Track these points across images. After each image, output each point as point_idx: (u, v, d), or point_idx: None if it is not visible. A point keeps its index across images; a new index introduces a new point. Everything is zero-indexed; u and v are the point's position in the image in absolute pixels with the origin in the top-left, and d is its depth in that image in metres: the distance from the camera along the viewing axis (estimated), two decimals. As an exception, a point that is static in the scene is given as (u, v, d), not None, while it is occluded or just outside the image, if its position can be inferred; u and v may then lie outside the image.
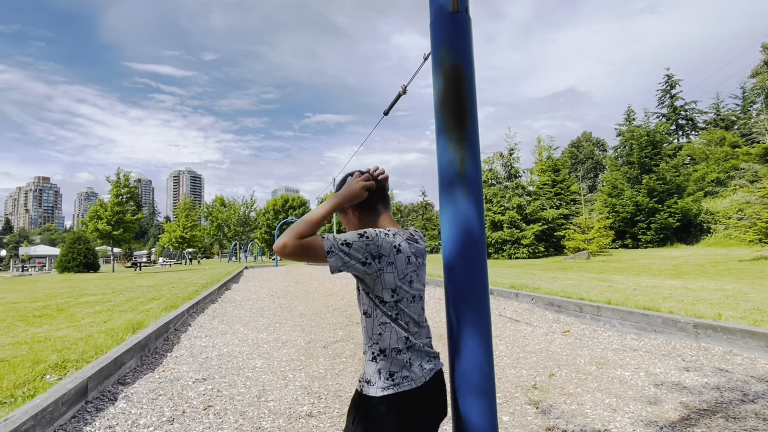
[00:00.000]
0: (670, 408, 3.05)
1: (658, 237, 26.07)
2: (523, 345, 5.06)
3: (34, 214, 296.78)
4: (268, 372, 4.30)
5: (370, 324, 1.30)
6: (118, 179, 32.91)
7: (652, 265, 13.35)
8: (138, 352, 4.67)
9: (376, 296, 1.28)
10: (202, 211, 63.78)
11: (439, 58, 1.39)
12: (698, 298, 6.29)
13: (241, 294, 11.92)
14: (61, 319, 6.72)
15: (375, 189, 1.41)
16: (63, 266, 30.16)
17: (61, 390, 3.05)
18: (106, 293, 11.02)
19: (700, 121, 48.76)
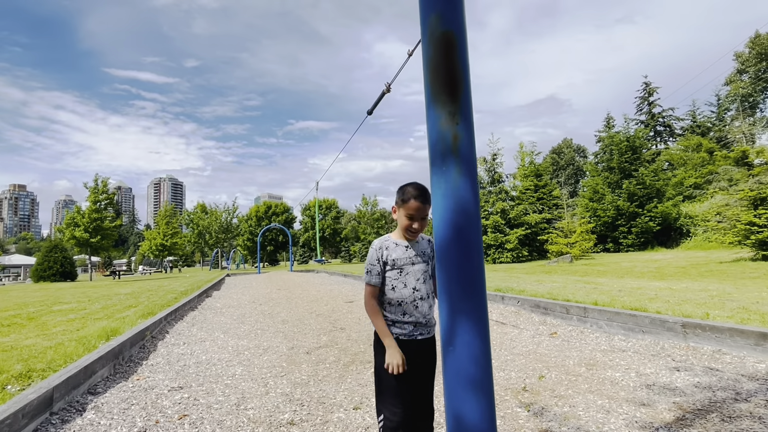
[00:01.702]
0: (664, 408, 2.96)
1: (639, 241, 26.39)
2: (511, 347, 4.96)
3: (9, 222, 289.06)
4: (248, 379, 4.12)
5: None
6: (96, 185, 32.23)
7: (635, 268, 13.45)
8: (111, 360, 4.44)
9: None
10: (183, 218, 62.78)
11: (429, 26, 1.28)
12: (684, 298, 6.28)
13: (222, 301, 11.64)
14: (31, 327, 6.41)
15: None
16: (38, 275, 29.31)
17: (23, 401, 2.83)
18: (82, 301, 10.64)
19: (677, 127, 49.88)
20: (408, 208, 2.04)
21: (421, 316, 2.09)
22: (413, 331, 2.08)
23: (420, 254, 2.14)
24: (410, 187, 2.05)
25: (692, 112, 48.66)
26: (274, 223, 55.68)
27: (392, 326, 2.09)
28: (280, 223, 62.51)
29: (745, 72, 46.00)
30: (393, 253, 2.12)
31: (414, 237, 2.13)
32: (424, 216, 2.06)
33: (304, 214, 67.27)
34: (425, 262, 2.14)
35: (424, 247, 2.18)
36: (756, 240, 13.40)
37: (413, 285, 2.10)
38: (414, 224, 2.05)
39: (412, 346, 2.07)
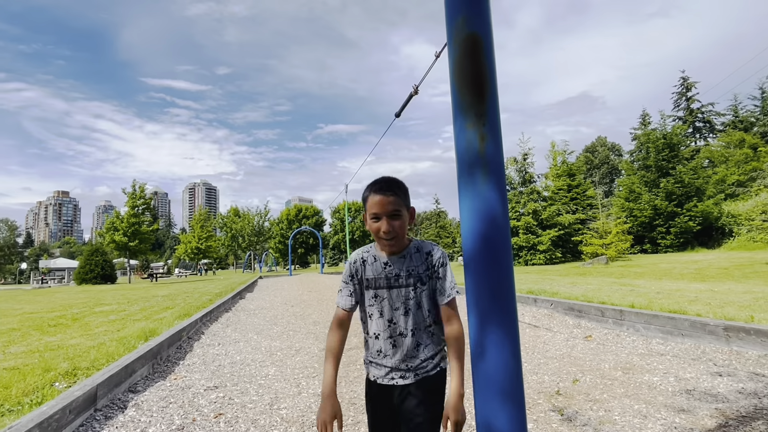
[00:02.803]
0: (705, 414, 2.86)
1: (678, 241, 25.48)
2: (544, 351, 4.88)
3: (54, 227, 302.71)
4: (281, 379, 4.19)
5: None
6: (133, 191, 33.39)
7: (674, 269, 12.99)
8: (150, 359, 4.60)
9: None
10: (217, 222, 64.34)
11: (455, 29, 1.29)
12: (726, 300, 6.04)
13: (255, 303, 11.87)
14: (75, 328, 6.70)
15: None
16: (81, 278, 30.57)
17: (69, 397, 2.97)
18: (122, 303, 11.05)
19: (718, 123, 47.92)
20: (369, 206, 1.56)
21: (400, 360, 1.58)
22: (391, 374, 1.60)
23: (405, 273, 1.58)
24: (370, 183, 1.61)
25: (734, 107, 46.64)
26: (304, 226, 56.37)
27: (370, 366, 1.67)
28: (311, 225, 63.24)
29: (792, 63, 43.75)
30: (368, 271, 1.64)
31: (392, 247, 1.58)
32: (394, 212, 1.53)
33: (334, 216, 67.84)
34: (411, 285, 1.58)
35: (415, 263, 1.59)
36: (805, 239, 12.73)
37: (389, 316, 1.59)
38: (383, 227, 1.52)
39: (395, 392, 1.60)
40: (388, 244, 1.57)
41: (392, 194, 1.53)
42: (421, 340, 1.59)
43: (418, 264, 1.59)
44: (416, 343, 1.58)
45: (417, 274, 1.57)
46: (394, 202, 1.52)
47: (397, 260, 1.60)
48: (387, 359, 1.60)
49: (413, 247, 1.62)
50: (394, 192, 1.54)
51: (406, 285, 1.58)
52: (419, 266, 1.58)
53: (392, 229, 1.53)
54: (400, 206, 1.54)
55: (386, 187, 1.54)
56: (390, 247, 1.58)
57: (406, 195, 1.59)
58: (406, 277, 1.58)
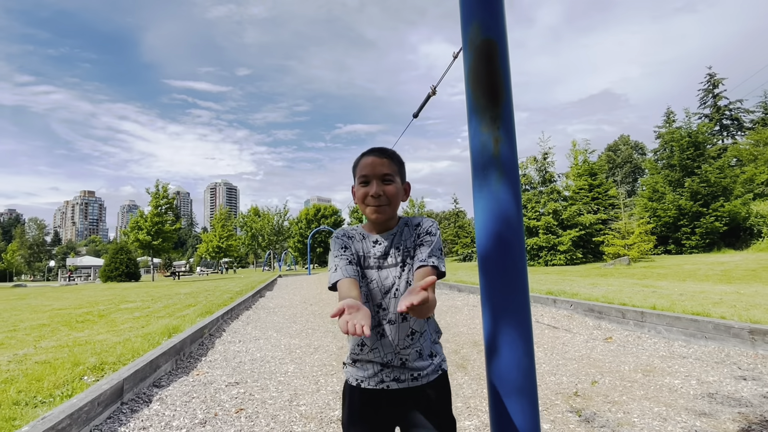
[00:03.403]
0: (727, 419, 2.82)
1: (704, 242, 24.87)
2: (563, 352, 4.85)
3: (80, 226, 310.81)
4: (300, 377, 4.26)
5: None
6: (157, 191, 34.07)
7: (699, 271, 12.70)
8: (173, 355, 4.72)
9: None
10: (237, 221, 65.21)
11: (470, 34, 1.31)
12: (753, 303, 5.90)
13: (274, 301, 12.02)
14: (102, 324, 6.90)
15: None
16: (106, 276, 31.33)
17: (98, 391, 3.08)
18: (145, 300, 11.32)
19: (747, 120, 46.58)
20: (359, 170, 1.40)
21: (391, 352, 1.33)
22: (381, 375, 1.34)
23: (395, 251, 1.38)
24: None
25: (764, 104, 45.27)
26: (323, 226, 56.72)
27: (351, 367, 1.41)
28: (329, 225, 63.61)
29: (825, 58, 42.28)
30: (357, 245, 1.41)
31: (380, 215, 1.36)
32: (386, 175, 1.36)
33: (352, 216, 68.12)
34: (401, 263, 1.37)
35: (405, 237, 1.39)
36: (838, 241, 12.31)
37: (377, 300, 1.36)
38: (371, 189, 1.34)
39: (384, 401, 1.34)
40: (376, 212, 1.35)
41: (386, 157, 1.39)
42: (416, 327, 1.35)
43: (407, 238, 1.39)
44: (409, 330, 1.34)
45: (406, 249, 1.38)
46: (386, 165, 1.37)
47: (388, 237, 1.40)
48: (373, 354, 1.34)
49: (402, 223, 1.43)
50: (388, 156, 1.40)
51: (395, 264, 1.37)
52: (408, 240, 1.39)
53: (382, 194, 1.34)
54: (393, 172, 1.38)
55: (379, 151, 1.40)
56: (377, 216, 1.36)
57: (401, 166, 1.44)
58: (395, 254, 1.38)
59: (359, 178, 1.39)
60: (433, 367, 1.37)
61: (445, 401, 1.38)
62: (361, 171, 1.39)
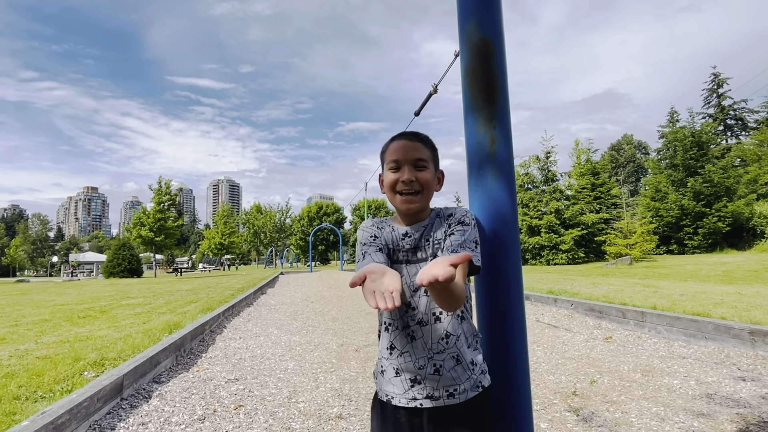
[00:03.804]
0: (725, 419, 2.82)
1: (707, 242, 24.83)
2: (562, 351, 4.85)
3: (83, 222, 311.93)
4: (299, 374, 4.27)
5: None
6: (159, 187, 34.14)
7: (701, 271, 12.68)
8: (173, 352, 4.74)
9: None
10: (240, 218, 65.33)
11: (467, 34, 1.32)
12: (753, 303, 5.89)
13: (275, 298, 12.05)
14: (103, 320, 6.93)
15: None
16: (109, 272, 31.45)
17: (97, 386, 3.10)
18: (147, 296, 11.36)
19: (751, 120, 46.38)
20: (388, 155, 1.27)
21: (424, 356, 1.18)
22: (412, 391, 1.17)
23: (426, 244, 1.23)
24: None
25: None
26: (325, 223, 56.80)
27: (382, 379, 1.25)
28: (331, 223, 63.69)
29: (830, 58, 42.06)
30: (387, 237, 1.28)
31: (412, 205, 1.23)
32: (419, 160, 1.23)
33: (354, 214, 68.17)
34: (432, 255, 1.22)
35: (437, 229, 1.24)
36: (841, 242, 12.27)
37: (406, 298, 1.21)
38: (403, 175, 1.21)
39: (416, 420, 1.17)
40: (407, 201, 1.22)
41: (419, 141, 1.25)
42: (450, 329, 1.18)
43: (437, 230, 1.24)
44: (444, 332, 1.18)
45: (436, 241, 1.22)
46: (420, 149, 1.23)
47: (419, 229, 1.25)
48: (403, 358, 1.19)
49: (434, 215, 1.28)
50: (421, 140, 1.26)
51: (426, 258, 1.22)
52: (437, 231, 1.23)
53: (415, 180, 1.21)
54: (426, 157, 1.24)
55: (411, 134, 1.27)
56: (409, 206, 1.23)
57: (434, 151, 1.29)
58: (426, 248, 1.23)
59: (389, 164, 1.25)
60: (471, 383, 1.18)
61: (483, 427, 1.18)
62: (391, 156, 1.25)
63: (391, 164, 1.24)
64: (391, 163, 1.24)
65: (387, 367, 1.22)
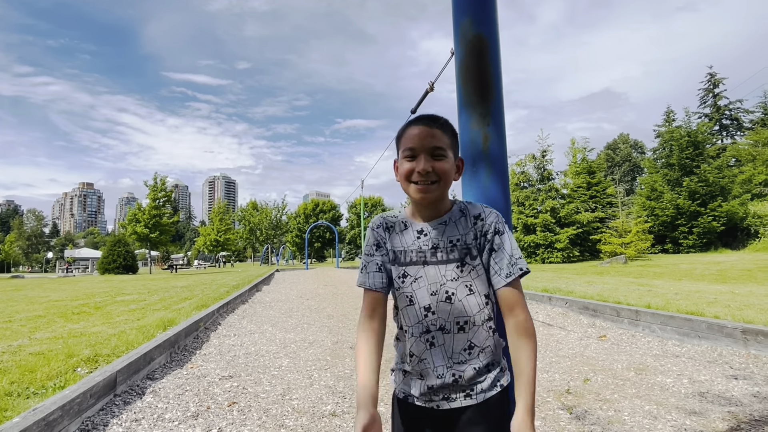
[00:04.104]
0: (717, 417, 2.84)
1: (701, 241, 24.95)
2: (557, 349, 4.86)
3: (78, 218, 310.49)
4: (293, 371, 4.27)
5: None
6: (155, 183, 34.02)
7: (695, 270, 12.74)
8: (167, 348, 4.73)
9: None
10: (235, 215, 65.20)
11: (462, 29, 1.31)
12: (746, 303, 5.92)
13: (271, 295, 12.04)
14: (98, 316, 6.90)
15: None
16: (104, 268, 31.39)
17: (91, 382, 3.08)
18: (142, 293, 11.32)
19: (746, 120, 46.59)
20: (404, 142, 1.17)
21: (443, 365, 1.13)
22: (429, 394, 1.15)
23: (447, 244, 1.16)
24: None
25: (764, 104, 45.27)
26: (321, 221, 56.76)
27: (399, 376, 1.24)
28: (327, 220, 63.64)
29: (825, 59, 42.28)
30: (395, 240, 1.21)
31: (428, 195, 1.14)
32: (437, 149, 1.13)
33: (351, 211, 68.18)
34: (456, 261, 1.15)
35: (461, 230, 1.17)
36: (834, 242, 12.36)
37: (425, 302, 1.15)
38: (419, 165, 1.12)
39: (432, 421, 1.16)
40: (423, 191, 1.13)
41: (437, 127, 1.14)
42: (475, 341, 1.14)
43: (464, 232, 1.16)
44: (467, 343, 1.13)
45: (464, 245, 1.15)
46: (437, 137, 1.13)
47: (437, 226, 1.17)
48: (421, 365, 1.15)
49: (457, 210, 1.19)
50: (440, 126, 1.15)
51: (448, 260, 1.15)
52: (466, 234, 1.15)
53: (431, 170, 1.12)
54: (445, 145, 1.14)
55: (430, 119, 1.16)
56: (424, 196, 1.14)
57: (454, 137, 1.19)
58: (448, 249, 1.15)
59: (404, 152, 1.16)
60: (490, 382, 1.14)
61: (502, 424, 1.13)
62: (406, 143, 1.15)
63: (407, 152, 1.15)
64: (406, 151, 1.15)
65: (406, 369, 1.20)
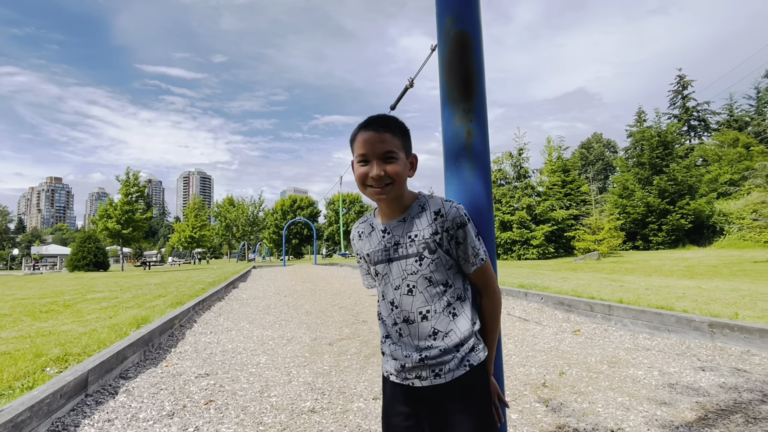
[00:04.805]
0: (685, 408, 2.93)
1: (670, 238, 25.74)
2: (533, 344, 4.94)
3: (46, 213, 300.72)
4: (272, 368, 4.23)
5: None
6: (127, 178, 33.20)
7: (664, 266, 13.13)
8: (141, 347, 4.63)
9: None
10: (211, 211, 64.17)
11: (444, 27, 1.31)
12: (713, 297, 6.13)
13: (248, 292, 11.90)
14: (67, 314, 6.71)
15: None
16: (73, 265, 30.47)
17: (61, 382, 2.99)
18: (114, 290, 11.05)
19: (713, 122, 48.15)
20: (356, 147, 1.22)
21: (413, 350, 1.22)
22: (404, 373, 1.23)
23: (407, 240, 1.23)
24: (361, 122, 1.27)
25: (729, 106, 46.87)
26: (299, 217, 56.34)
27: (383, 356, 1.34)
28: (305, 216, 63.20)
29: (787, 63, 44.00)
30: (367, 243, 1.32)
31: (385, 196, 1.21)
32: (387, 153, 1.18)
33: (329, 208, 67.90)
34: (415, 255, 1.22)
35: (420, 226, 1.22)
36: (794, 239, 12.91)
37: (390, 297, 1.26)
38: (371, 170, 1.18)
39: (410, 397, 1.24)
40: (379, 194, 1.19)
41: (386, 131, 1.19)
42: (439, 326, 1.21)
43: (423, 227, 1.22)
44: (431, 330, 1.21)
45: (422, 240, 1.21)
46: (387, 141, 1.18)
47: (397, 225, 1.25)
48: (394, 347, 1.26)
49: (417, 206, 1.25)
50: (390, 129, 1.20)
51: (408, 255, 1.22)
52: (424, 230, 1.21)
53: (384, 174, 1.17)
54: (396, 147, 1.19)
55: (378, 123, 1.21)
56: (382, 200, 1.22)
57: (405, 137, 1.25)
58: (407, 244, 1.22)
59: (357, 156, 1.22)
60: (457, 361, 1.20)
61: (476, 401, 1.21)
62: (358, 149, 1.21)
63: (359, 157, 1.21)
64: (359, 156, 1.21)
65: (385, 350, 1.31)
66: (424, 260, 1.21)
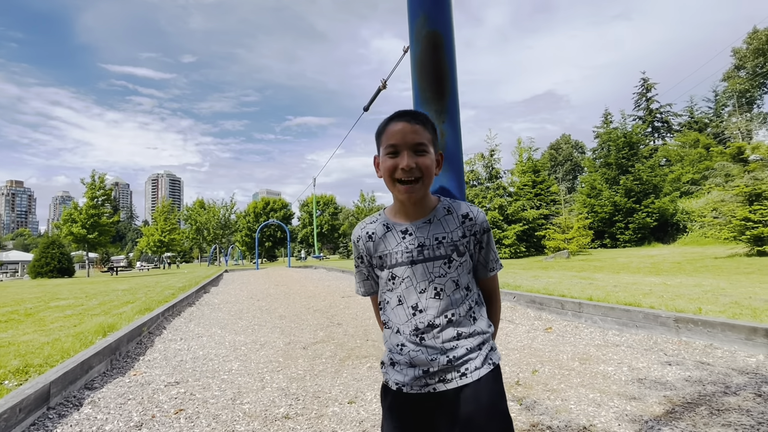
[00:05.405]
0: (654, 402, 3.01)
1: (636, 236, 26.53)
2: (506, 342, 5.00)
3: (6, 218, 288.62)
4: (244, 374, 4.15)
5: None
6: (93, 181, 32.19)
7: (631, 263, 13.51)
8: (108, 355, 4.47)
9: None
10: (181, 214, 62.77)
11: (416, 27, 1.31)
12: (678, 293, 6.34)
13: (219, 297, 11.67)
14: (28, 323, 6.43)
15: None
16: (36, 271, 29.30)
17: (20, 396, 2.86)
18: (79, 297, 10.66)
19: (675, 123, 50.01)
20: (385, 138, 1.19)
21: (438, 353, 1.17)
22: (425, 378, 1.18)
23: (434, 242, 1.20)
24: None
25: (690, 108, 48.81)
26: (272, 219, 55.65)
27: (390, 369, 1.24)
28: (279, 219, 62.50)
29: (743, 68, 46.08)
30: (379, 246, 1.25)
31: (413, 194, 1.18)
32: (419, 145, 1.16)
33: (303, 210, 67.30)
34: (444, 258, 1.20)
35: (447, 228, 1.21)
36: (751, 236, 13.49)
37: (413, 301, 1.20)
38: (402, 162, 1.15)
39: (429, 405, 1.19)
40: (408, 191, 1.16)
41: (418, 123, 1.17)
42: (462, 329, 1.19)
43: (451, 229, 1.21)
44: (456, 333, 1.18)
45: (451, 242, 1.19)
46: (419, 132, 1.16)
47: (422, 226, 1.21)
48: (415, 355, 1.18)
49: (442, 208, 1.23)
50: (421, 122, 1.18)
51: (435, 257, 1.19)
52: (453, 232, 1.20)
53: (415, 166, 1.14)
54: (427, 141, 1.17)
55: (410, 114, 1.18)
56: (409, 195, 1.17)
57: (435, 134, 1.22)
58: (434, 246, 1.19)
59: (386, 148, 1.18)
60: (482, 359, 1.20)
61: (498, 399, 1.21)
62: (388, 140, 1.18)
63: (389, 148, 1.18)
64: (388, 148, 1.18)
65: (398, 360, 1.22)
66: (452, 263, 1.20)
